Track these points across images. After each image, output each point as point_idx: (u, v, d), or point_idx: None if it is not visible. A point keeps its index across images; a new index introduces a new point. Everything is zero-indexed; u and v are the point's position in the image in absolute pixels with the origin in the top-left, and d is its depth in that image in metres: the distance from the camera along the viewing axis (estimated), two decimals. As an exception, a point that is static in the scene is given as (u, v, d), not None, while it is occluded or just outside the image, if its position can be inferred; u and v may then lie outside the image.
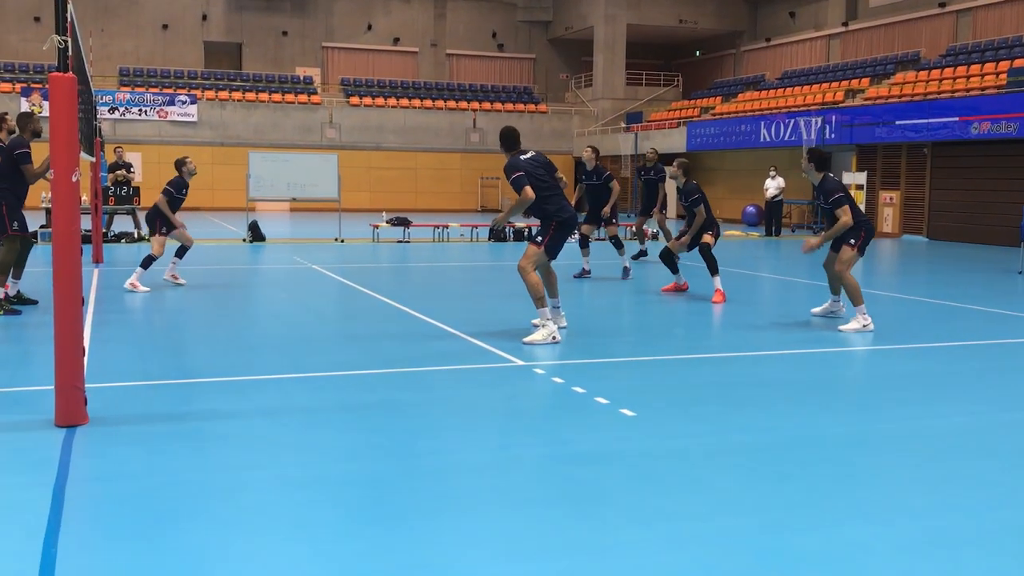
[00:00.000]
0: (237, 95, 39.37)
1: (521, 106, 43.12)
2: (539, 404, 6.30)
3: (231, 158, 36.20)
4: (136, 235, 19.97)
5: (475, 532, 3.98)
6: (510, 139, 8.91)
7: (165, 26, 40.88)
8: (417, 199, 39.66)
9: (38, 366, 7.21)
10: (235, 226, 25.85)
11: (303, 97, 40.33)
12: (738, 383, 7.12)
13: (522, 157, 8.70)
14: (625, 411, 5.98)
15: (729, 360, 8.02)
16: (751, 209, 30.97)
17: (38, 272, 11.67)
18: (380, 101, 41.28)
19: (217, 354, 8.02)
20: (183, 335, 9.19)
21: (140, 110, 36.87)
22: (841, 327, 9.40)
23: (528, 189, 8.44)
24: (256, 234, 21.07)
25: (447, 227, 22.57)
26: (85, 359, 5.84)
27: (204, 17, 41.41)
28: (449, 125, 41.30)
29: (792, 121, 29.07)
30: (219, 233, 23.62)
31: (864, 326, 9.33)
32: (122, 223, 21.11)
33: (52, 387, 5.61)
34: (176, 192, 12.15)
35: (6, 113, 10.33)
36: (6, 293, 9.97)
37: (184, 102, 37.57)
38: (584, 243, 14.20)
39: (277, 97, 39.95)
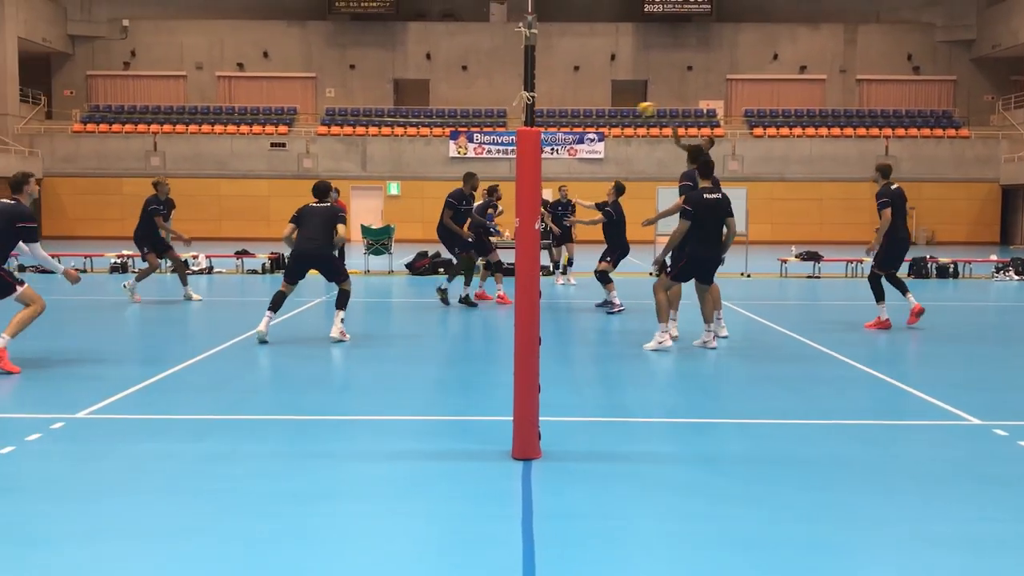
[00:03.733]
0: (642, 131, 40.44)
1: (939, 131, 40.19)
2: (1007, 472, 5.67)
3: (635, 193, 36.92)
4: (551, 268, 21.05)
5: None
6: (708, 167, 9.98)
7: (576, 68, 42.99)
8: (822, 230, 38.26)
9: (485, 395, 7.72)
10: (640, 260, 26.43)
11: (706, 130, 40.49)
12: None
13: (705, 195, 9.71)
14: (1118, 488, 5.21)
15: None
16: None
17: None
18: (784, 131, 40.44)
19: (649, 392, 8.12)
20: (614, 371, 9.41)
21: (552, 149, 39.01)
22: (646, 345, 9.97)
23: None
24: (663, 268, 21.34)
25: (861, 262, 21.46)
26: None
27: (612, 57, 43.04)
28: (859, 153, 39.47)
29: None
30: (628, 267, 24.24)
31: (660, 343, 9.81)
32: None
33: (506, 418, 5.97)
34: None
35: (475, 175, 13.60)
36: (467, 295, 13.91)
37: (592, 140, 39.23)
38: None
39: (681, 131, 40.47)
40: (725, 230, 9.95)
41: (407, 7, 42.86)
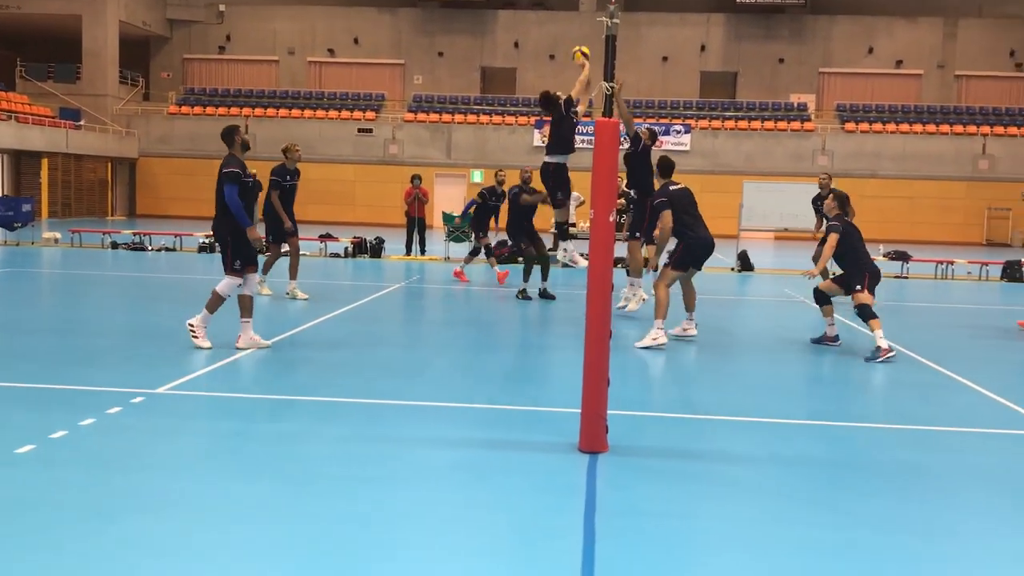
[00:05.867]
0: (730, 123, 39.86)
1: (1042, 130, 38.79)
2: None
3: (720, 186, 36.67)
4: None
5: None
6: (667, 168, 10.37)
7: (665, 58, 42.54)
8: (913, 230, 37.28)
9: (554, 386, 7.70)
10: (723, 255, 26.06)
11: (796, 124, 39.77)
12: None
13: (670, 188, 10.15)
14: None
15: None
16: None
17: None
18: (878, 127, 39.44)
19: (722, 390, 7.99)
20: (684, 370, 9.30)
21: (638, 139, 38.63)
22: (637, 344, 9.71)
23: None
24: (745, 263, 21.05)
25: (951, 263, 20.84)
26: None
27: (703, 48, 42.48)
28: (954, 151, 38.31)
29: None
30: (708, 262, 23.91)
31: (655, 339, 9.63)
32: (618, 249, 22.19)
33: (573, 410, 5.93)
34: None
35: None
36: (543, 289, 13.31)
37: (678, 132, 38.79)
38: None
39: (769, 125, 39.79)
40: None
41: (497, -5, 42.96)
